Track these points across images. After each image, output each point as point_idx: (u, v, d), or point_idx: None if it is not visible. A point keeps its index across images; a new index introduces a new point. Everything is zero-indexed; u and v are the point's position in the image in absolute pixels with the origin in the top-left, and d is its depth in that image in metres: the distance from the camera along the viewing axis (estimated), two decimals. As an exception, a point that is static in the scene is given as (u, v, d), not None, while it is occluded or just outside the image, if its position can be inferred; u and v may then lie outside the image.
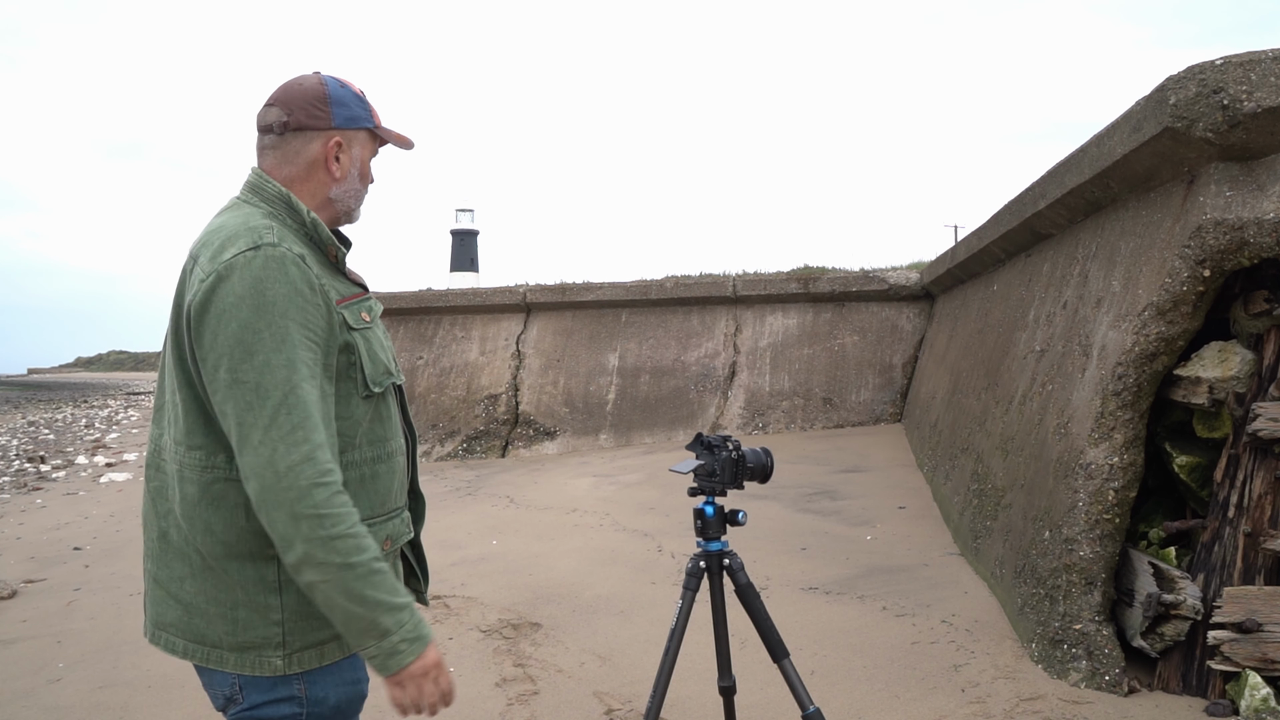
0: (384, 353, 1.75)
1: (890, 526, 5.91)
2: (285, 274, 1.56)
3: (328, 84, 1.74)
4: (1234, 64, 2.99)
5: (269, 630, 1.62)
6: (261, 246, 1.57)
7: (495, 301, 12.27)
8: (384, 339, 1.78)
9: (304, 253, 1.62)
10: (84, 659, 4.42)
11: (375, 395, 1.71)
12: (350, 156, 1.76)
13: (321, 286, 1.62)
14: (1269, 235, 3.02)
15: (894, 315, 10.70)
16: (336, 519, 1.52)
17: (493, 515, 7.36)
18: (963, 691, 3.37)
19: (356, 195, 1.80)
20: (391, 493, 1.76)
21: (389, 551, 1.75)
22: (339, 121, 1.73)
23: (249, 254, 1.55)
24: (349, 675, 1.72)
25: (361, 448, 1.69)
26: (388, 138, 1.83)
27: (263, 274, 1.54)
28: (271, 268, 1.55)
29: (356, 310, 1.70)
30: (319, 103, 1.72)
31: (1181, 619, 3.22)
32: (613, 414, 11.19)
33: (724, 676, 2.61)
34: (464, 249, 29.29)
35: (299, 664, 1.64)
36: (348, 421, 1.66)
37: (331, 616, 1.56)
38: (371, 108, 1.81)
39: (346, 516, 1.54)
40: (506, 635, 4.38)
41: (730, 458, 2.49)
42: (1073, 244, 4.63)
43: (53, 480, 11.83)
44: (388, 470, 1.75)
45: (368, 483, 1.70)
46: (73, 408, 35.04)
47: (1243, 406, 3.22)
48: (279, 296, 1.54)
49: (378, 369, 1.71)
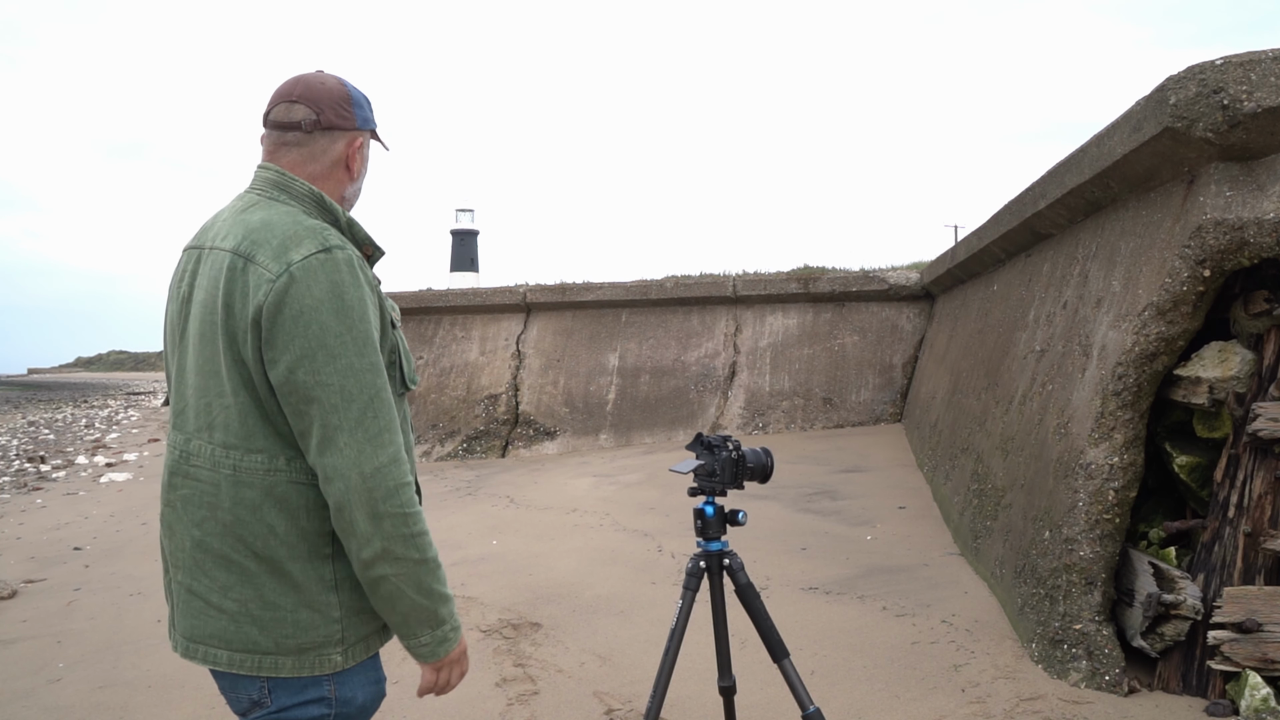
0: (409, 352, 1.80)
1: (890, 526, 5.91)
2: (356, 278, 1.59)
3: (348, 86, 1.78)
4: (1234, 64, 2.99)
5: (330, 629, 1.64)
6: (331, 249, 1.58)
7: (495, 301, 12.27)
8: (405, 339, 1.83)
9: (358, 255, 1.65)
10: (84, 659, 4.42)
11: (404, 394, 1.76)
12: (362, 157, 1.81)
13: (377, 288, 1.68)
14: (1269, 235, 3.02)
15: (894, 315, 10.70)
16: (416, 518, 1.60)
17: (493, 515, 7.36)
18: (963, 691, 3.37)
19: (358, 194, 1.85)
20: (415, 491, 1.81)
21: None
22: (360, 122, 1.78)
23: (321, 256, 1.57)
24: (373, 674, 1.74)
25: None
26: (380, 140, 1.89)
27: (338, 277, 1.56)
28: (344, 271, 1.58)
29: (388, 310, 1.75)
30: (345, 103, 1.76)
31: (1181, 619, 3.22)
32: (613, 414, 11.19)
33: (724, 676, 2.61)
34: (464, 249, 29.29)
35: (353, 658, 1.68)
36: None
37: (390, 609, 1.63)
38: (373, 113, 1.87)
39: (421, 516, 1.63)
40: (506, 635, 4.38)
41: (730, 458, 2.49)
42: (1073, 244, 4.63)
43: (53, 480, 11.83)
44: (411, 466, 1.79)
45: None
46: (73, 408, 35.04)
47: (1243, 406, 3.22)
48: (355, 300, 1.58)
49: (410, 365, 1.77)
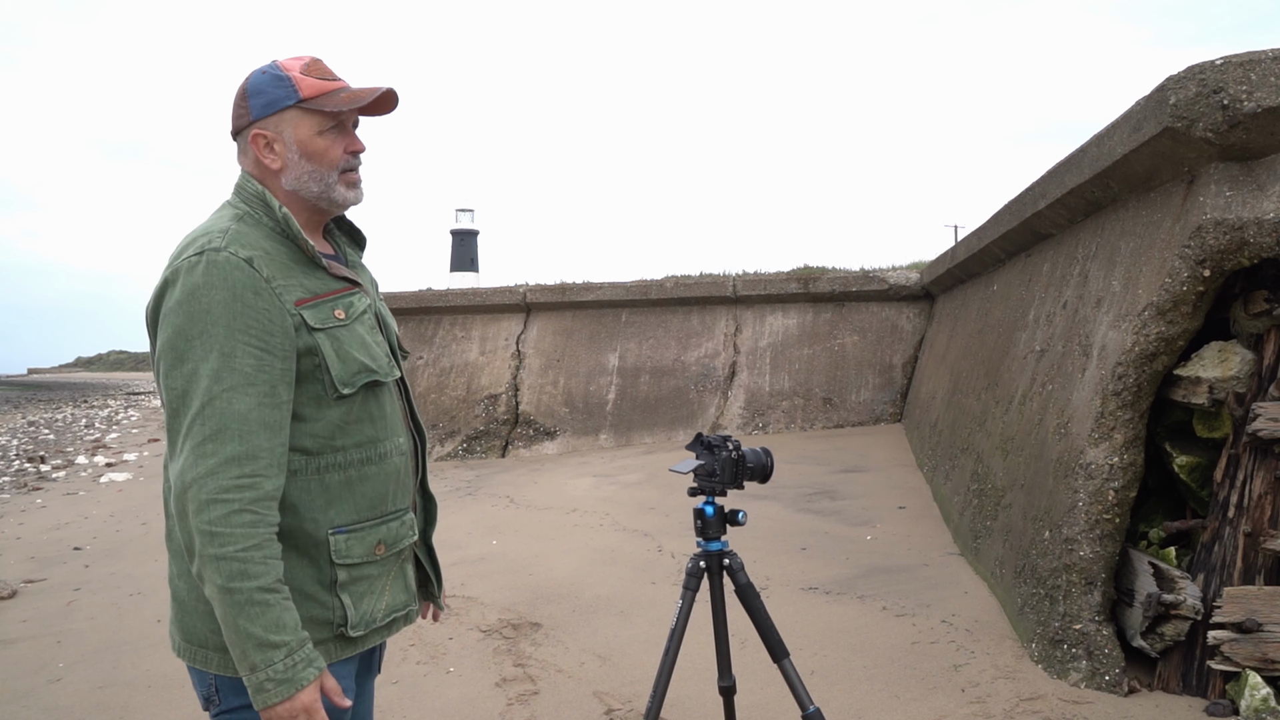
0: (362, 350, 1.67)
1: (890, 526, 5.91)
2: (225, 279, 1.53)
3: (250, 77, 1.67)
4: (1234, 64, 2.99)
5: None
6: (205, 252, 1.54)
7: (495, 301, 12.27)
8: (368, 335, 1.71)
9: (256, 254, 1.57)
10: (84, 659, 4.42)
11: (351, 396, 1.64)
12: (284, 142, 1.66)
13: (274, 289, 1.57)
14: (1269, 235, 3.02)
15: (894, 315, 10.70)
16: (225, 539, 1.47)
17: (493, 515, 7.36)
18: (963, 691, 3.37)
19: (315, 177, 1.68)
20: (387, 495, 1.72)
21: (383, 556, 1.71)
22: (256, 113, 1.66)
23: (192, 259, 1.54)
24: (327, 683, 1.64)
25: (346, 450, 1.65)
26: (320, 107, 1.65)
27: (201, 280, 1.52)
28: (211, 274, 1.52)
29: (327, 308, 1.64)
30: (241, 101, 1.68)
31: (1181, 619, 3.21)
32: (613, 414, 11.19)
33: (724, 676, 2.61)
34: (464, 249, 29.29)
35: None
36: (321, 423, 1.62)
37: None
38: (298, 81, 1.65)
39: (239, 538, 1.47)
40: (506, 635, 4.38)
41: (730, 458, 2.49)
42: (1073, 244, 4.63)
43: (53, 480, 11.83)
44: (380, 472, 1.70)
45: (355, 485, 1.66)
46: (73, 408, 35.03)
47: (1243, 406, 3.22)
48: (214, 303, 1.51)
49: (349, 369, 1.64)
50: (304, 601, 1.61)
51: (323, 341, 1.61)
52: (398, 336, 1.87)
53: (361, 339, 1.68)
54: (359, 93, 1.68)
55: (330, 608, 1.64)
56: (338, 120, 1.68)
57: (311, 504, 1.62)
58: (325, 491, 1.63)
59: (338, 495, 1.64)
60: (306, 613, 1.61)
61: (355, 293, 1.72)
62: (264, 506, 1.52)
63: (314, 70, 1.67)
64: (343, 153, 1.69)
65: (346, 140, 1.70)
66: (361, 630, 1.68)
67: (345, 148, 1.70)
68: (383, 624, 1.73)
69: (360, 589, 1.68)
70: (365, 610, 1.68)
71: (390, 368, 1.73)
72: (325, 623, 1.64)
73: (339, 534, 1.64)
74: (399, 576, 1.77)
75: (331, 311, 1.64)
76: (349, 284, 1.72)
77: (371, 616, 1.70)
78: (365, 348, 1.68)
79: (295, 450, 1.61)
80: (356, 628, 1.66)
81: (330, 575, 1.63)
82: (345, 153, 1.70)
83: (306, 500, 1.61)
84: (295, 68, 1.66)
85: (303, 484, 1.61)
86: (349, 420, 1.65)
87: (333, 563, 1.63)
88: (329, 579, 1.63)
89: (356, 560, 1.66)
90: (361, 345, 1.67)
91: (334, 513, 1.64)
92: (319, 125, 1.66)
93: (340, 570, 1.64)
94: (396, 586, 1.76)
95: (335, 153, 1.68)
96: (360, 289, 1.74)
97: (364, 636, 1.70)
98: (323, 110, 1.66)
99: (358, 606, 1.67)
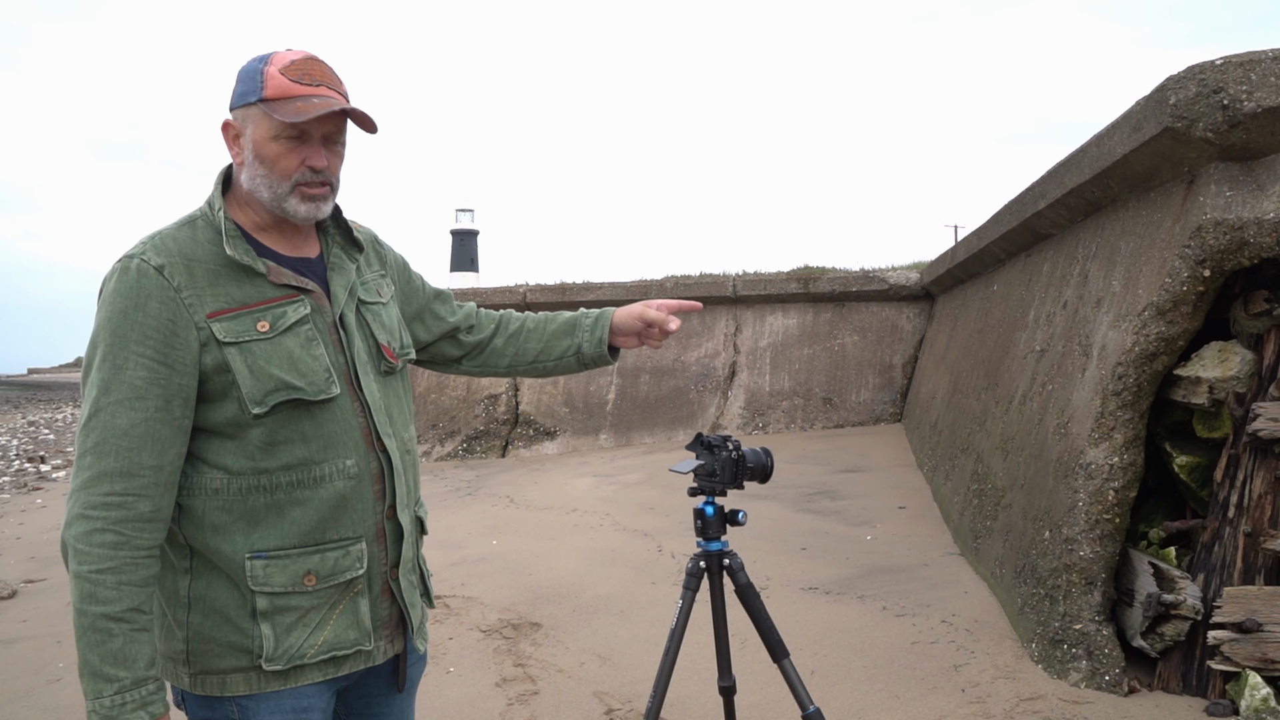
0: (285, 366, 1.53)
1: (890, 526, 5.91)
2: (129, 288, 1.47)
3: (249, 62, 1.57)
4: (1234, 64, 2.99)
5: (178, 645, 1.56)
6: (123, 259, 1.51)
7: (495, 301, 12.27)
8: (300, 349, 1.55)
9: (172, 262, 1.50)
10: (84, 659, 4.42)
11: (268, 415, 1.52)
12: (246, 138, 1.56)
13: (183, 299, 1.48)
14: (1269, 235, 3.02)
15: (894, 315, 10.70)
16: (83, 556, 1.41)
17: (493, 515, 7.36)
18: (963, 691, 3.37)
19: (265, 182, 1.56)
20: (322, 522, 1.57)
21: (315, 588, 1.56)
22: (232, 100, 1.57)
23: (113, 268, 1.52)
24: (289, 704, 1.58)
25: (272, 472, 1.54)
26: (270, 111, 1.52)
27: (112, 289, 1.49)
28: (122, 282, 1.48)
29: (250, 319, 1.52)
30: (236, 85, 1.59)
31: (1181, 619, 3.21)
32: (613, 414, 11.19)
33: (724, 676, 2.61)
34: (464, 249, 29.30)
35: (202, 687, 1.55)
36: (241, 443, 1.52)
37: None
38: (267, 78, 1.53)
39: (94, 558, 1.41)
40: (506, 635, 4.38)
41: (730, 458, 2.49)
42: (1073, 244, 4.63)
43: (53, 480, 11.83)
44: (315, 496, 1.56)
45: (285, 509, 1.54)
46: (73, 408, 35.03)
47: (1243, 406, 3.22)
48: (116, 312, 1.47)
49: (262, 386, 1.51)
50: (222, 625, 1.54)
51: (234, 356, 1.50)
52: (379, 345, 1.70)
53: (288, 353, 1.54)
54: (309, 105, 1.52)
55: (249, 635, 1.54)
56: (299, 130, 1.54)
57: (231, 526, 1.53)
58: (247, 514, 1.53)
59: (261, 518, 1.54)
60: (225, 638, 1.54)
61: (294, 302, 1.57)
62: (133, 528, 1.44)
63: (294, 70, 1.54)
64: (300, 164, 1.55)
65: (305, 152, 1.55)
66: (280, 665, 1.55)
67: (303, 160, 1.55)
68: (316, 661, 1.58)
69: (286, 620, 1.55)
70: (290, 644, 1.56)
71: (327, 384, 1.56)
72: (243, 650, 1.54)
73: (257, 559, 1.53)
74: (347, 612, 1.61)
75: (254, 323, 1.52)
76: (292, 292, 1.58)
77: (299, 652, 1.56)
78: (291, 362, 1.53)
79: (217, 468, 1.53)
80: (273, 661, 1.54)
81: (250, 601, 1.54)
82: (304, 165, 1.56)
83: (227, 521, 1.53)
84: (278, 63, 1.54)
85: (223, 503, 1.53)
86: (275, 441, 1.53)
87: (250, 589, 1.54)
88: (249, 606, 1.54)
89: (278, 590, 1.54)
90: (286, 360, 1.53)
91: (256, 536, 1.53)
92: (275, 130, 1.53)
93: (259, 598, 1.54)
94: (343, 622, 1.60)
95: (288, 163, 1.55)
96: (305, 296, 1.59)
97: (289, 672, 1.57)
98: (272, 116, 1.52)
99: (280, 639, 1.55)
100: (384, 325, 1.74)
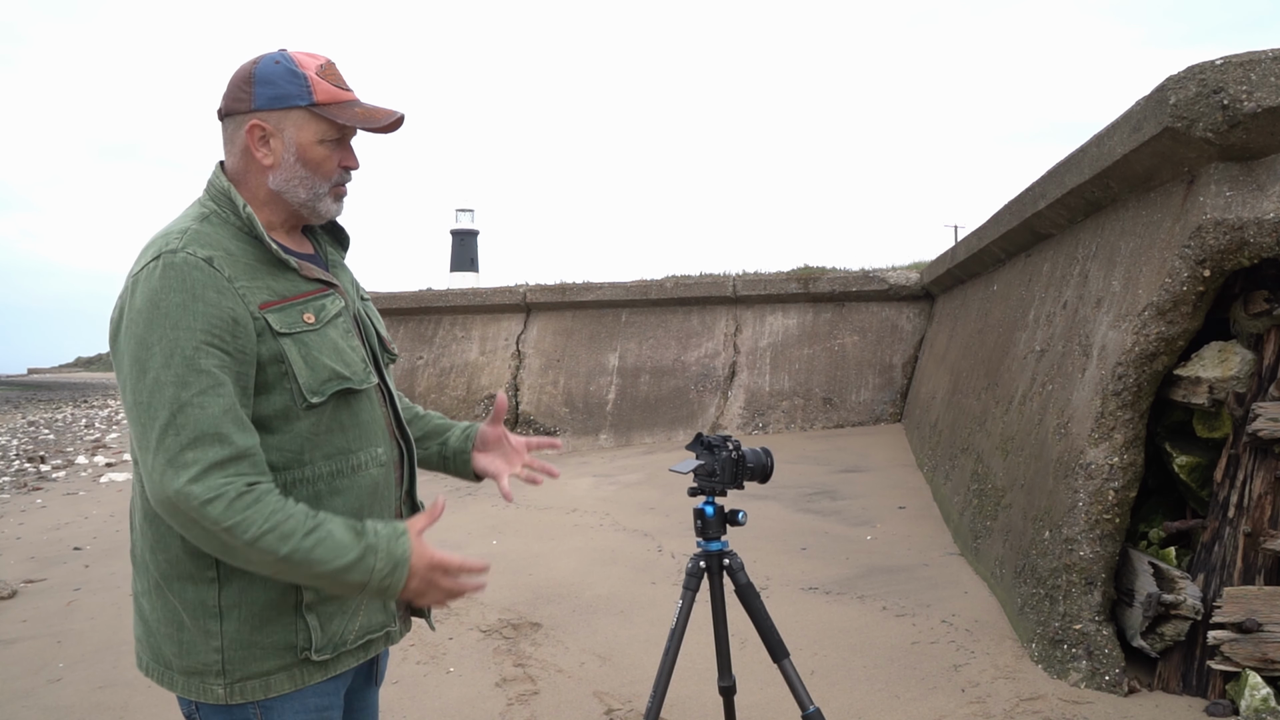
0: (334, 356, 1.58)
1: (890, 526, 5.91)
2: (183, 281, 1.45)
3: (260, 62, 1.58)
4: (1234, 64, 2.99)
5: (210, 657, 1.53)
6: (162, 255, 1.48)
7: (495, 301, 12.27)
8: (341, 340, 1.61)
9: (218, 254, 1.50)
10: (84, 659, 4.42)
11: (321, 405, 1.56)
12: (283, 140, 1.58)
13: (238, 290, 1.49)
14: (1269, 235, 3.02)
15: (894, 315, 10.70)
16: (244, 525, 1.40)
17: (493, 515, 7.35)
18: (963, 691, 3.37)
19: (306, 184, 1.61)
20: (362, 510, 1.62)
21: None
22: (260, 102, 1.57)
23: (151, 265, 1.48)
24: (312, 703, 1.60)
25: (314, 463, 1.56)
26: (332, 117, 1.59)
27: (160, 285, 1.45)
28: (169, 276, 1.46)
29: (296, 311, 1.56)
30: (245, 83, 1.58)
31: (1181, 619, 3.22)
32: (613, 414, 11.19)
33: (724, 676, 2.61)
34: (464, 249, 29.31)
35: (241, 694, 1.54)
36: (288, 436, 1.54)
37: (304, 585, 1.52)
38: (314, 83, 1.59)
39: (253, 518, 1.41)
40: (506, 635, 4.38)
41: (730, 458, 2.49)
42: (1073, 244, 4.63)
43: (53, 480, 11.83)
44: (353, 485, 1.61)
45: (324, 500, 1.57)
46: (73, 408, 35.03)
47: (1243, 406, 3.22)
48: (172, 306, 1.44)
49: (318, 376, 1.55)
50: (265, 626, 1.54)
51: (289, 347, 1.53)
52: (380, 339, 1.78)
53: (334, 344, 1.59)
54: (374, 112, 1.62)
55: (295, 630, 1.56)
56: (342, 133, 1.63)
57: None
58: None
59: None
60: (268, 639, 1.54)
61: (328, 295, 1.63)
62: (263, 488, 1.46)
63: (329, 75, 1.61)
64: (338, 166, 1.64)
65: (343, 154, 1.64)
66: (328, 654, 1.59)
67: (341, 161, 1.64)
68: (354, 646, 1.64)
69: (329, 610, 1.59)
70: (334, 632, 1.59)
71: (367, 374, 1.63)
72: (289, 647, 1.56)
73: None
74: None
75: (300, 315, 1.56)
76: (323, 286, 1.64)
77: (341, 639, 1.61)
78: (337, 353, 1.59)
79: None
80: (322, 651, 1.58)
81: (296, 596, 1.55)
82: (340, 166, 1.64)
83: None
84: (311, 67, 1.59)
85: None
86: (319, 431, 1.56)
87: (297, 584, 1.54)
88: (294, 600, 1.55)
89: None
90: (333, 351, 1.59)
91: None
92: (323, 134, 1.60)
93: (306, 591, 1.55)
94: (373, 607, 1.66)
95: (331, 165, 1.63)
96: (335, 291, 1.66)
97: (333, 660, 1.61)
98: (334, 120, 1.59)
99: (325, 628, 1.58)
100: (377, 318, 1.83)
